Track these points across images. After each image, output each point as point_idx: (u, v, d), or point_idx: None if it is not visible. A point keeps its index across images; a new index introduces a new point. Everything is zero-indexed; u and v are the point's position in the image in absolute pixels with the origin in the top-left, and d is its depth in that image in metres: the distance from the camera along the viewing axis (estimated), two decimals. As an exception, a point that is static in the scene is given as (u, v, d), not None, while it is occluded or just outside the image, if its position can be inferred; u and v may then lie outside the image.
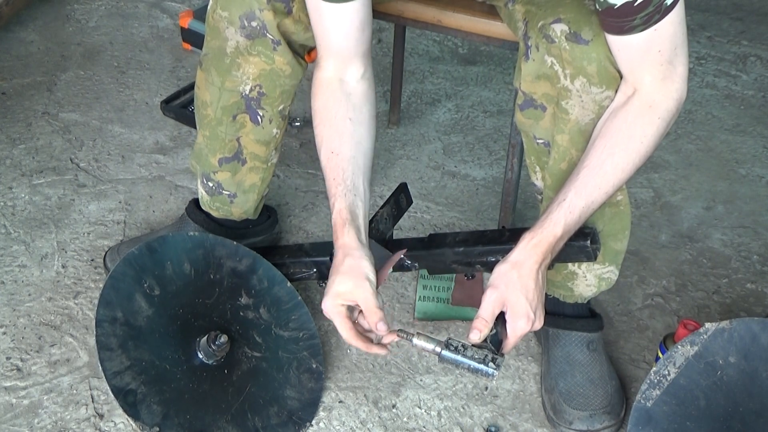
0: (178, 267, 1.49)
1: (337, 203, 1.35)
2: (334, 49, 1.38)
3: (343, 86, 1.40)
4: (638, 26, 1.15)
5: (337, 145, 1.38)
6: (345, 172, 1.36)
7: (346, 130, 1.39)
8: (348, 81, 1.40)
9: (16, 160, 2.04)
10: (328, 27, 1.35)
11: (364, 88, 1.41)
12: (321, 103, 1.41)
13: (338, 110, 1.39)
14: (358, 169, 1.37)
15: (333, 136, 1.39)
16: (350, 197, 1.35)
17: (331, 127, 1.39)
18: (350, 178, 1.36)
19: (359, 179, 1.37)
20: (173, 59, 2.46)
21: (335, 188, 1.36)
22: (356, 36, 1.36)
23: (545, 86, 1.32)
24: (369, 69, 1.42)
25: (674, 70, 1.22)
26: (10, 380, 1.54)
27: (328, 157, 1.38)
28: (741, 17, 2.80)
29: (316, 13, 1.35)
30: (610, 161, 1.25)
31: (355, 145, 1.38)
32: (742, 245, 1.91)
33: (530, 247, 1.26)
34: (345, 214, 1.34)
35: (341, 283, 1.30)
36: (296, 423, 1.48)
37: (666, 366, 1.33)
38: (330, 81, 1.40)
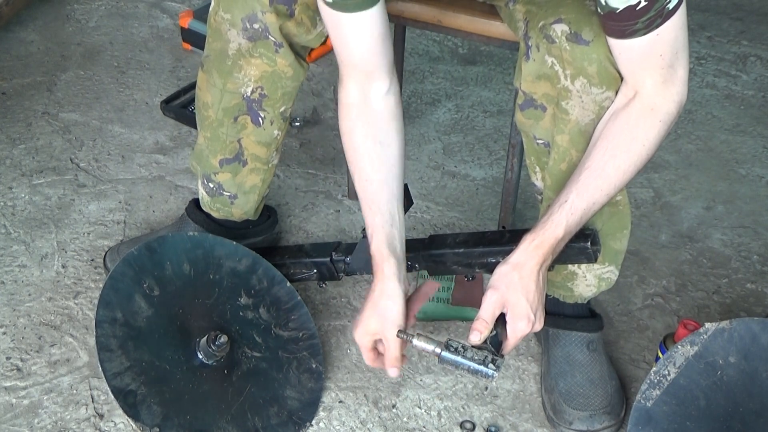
0: (178, 267, 1.49)
1: (376, 236, 1.36)
2: (357, 64, 1.35)
3: (369, 106, 1.37)
4: (640, 30, 1.15)
5: (370, 171, 1.38)
6: (380, 201, 1.37)
7: (377, 155, 1.38)
8: (373, 99, 1.37)
9: (16, 160, 2.04)
10: (348, 40, 1.33)
11: (390, 105, 1.39)
12: (349, 127, 1.39)
13: (366, 134, 1.38)
14: (392, 195, 1.38)
15: (364, 163, 1.38)
16: (387, 228, 1.36)
17: (362, 154, 1.38)
18: (386, 205, 1.37)
19: (394, 206, 1.37)
20: (173, 59, 2.46)
21: (372, 218, 1.37)
22: (377, 47, 1.33)
23: (545, 86, 1.32)
24: (394, 83, 1.39)
25: (675, 73, 1.22)
26: (10, 380, 1.54)
27: (363, 185, 1.38)
28: (741, 17, 2.80)
29: (335, 28, 1.33)
30: (611, 163, 1.25)
31: (387, 170, 1.38)
32: (742, 245, 1.91)
33: (531, 249, 1.26)
34: (384, 249, 1.34)
35: (372, 322, 1.33)
36: (296, 423, 1.48)
37: (666, 366, 1.33)
38: (355, 102, 1.38)
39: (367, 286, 1.76)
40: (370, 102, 1.37)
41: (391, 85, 1.38)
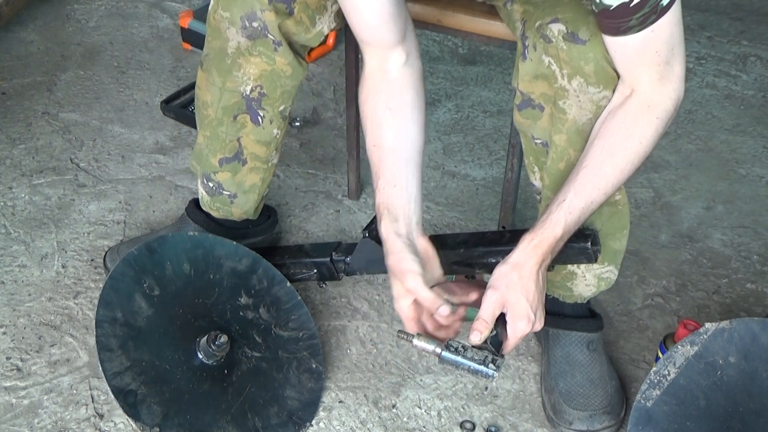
0: (178, 267, 1.49)
1: (376, 198, 1.37)
2: (373, 39, 1.37)
3: (385, 76, 1.39)
4: (634, 27, 1.15)
5: (378, 136, 1.38)
6: (385, 165, 1.37)
7: (386, 120, 1.38)
8: (390, 69, 1.38)
9: (16, 160, 2.04)
10: (362, 15, 1.34)
11: (407, 74, 1.39)
12: (363, 97, 1.41)
13: (378, 101, 1.39)
14: (399, 158, 1.37)
15: (374, 128, 1.39)
16: (388, 190, 1.36)
17: (372, 120, 1.39)
18: (390, 169, 1.37)
19: (399, 169, 1.37)
20: (173, 59, 2.46)
21: (375, 182, 1.38)
22: (391, 21, 1.34)
23: (543, 86, 1.32)
24: (413, 53, 1.40)
25: (671, 70, 1.22)
26: (10, 380, 1.54)
27: (371, 150, 1.39)
28: (741, 17, 2.80)
29: (349, 8, 1.34)
30: (609, 162, 1.25)
31: (395, 135, 1.38)
32: (742, 245, 1.91)
33: (530, 249, 1.26)
34: (381, 209, 1.35)
35: (395, 285, 1.33)
36: (296, 423, 1.48)
37: (666, 366, 1.33)
38: (372, 73, 1.39)
39: (367, 286, 1.76)
40: (387, 73, 1.39)
41: (408, 57, 1.39)
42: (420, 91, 1.42)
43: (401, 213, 1.35)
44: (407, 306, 1.32)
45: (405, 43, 1.38)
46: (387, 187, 1.36)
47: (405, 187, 1.37)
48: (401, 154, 1.38)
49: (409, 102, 1.40)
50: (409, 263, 1.31)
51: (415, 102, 1.40)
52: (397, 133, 1.38)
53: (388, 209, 1.35)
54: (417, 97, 1.41)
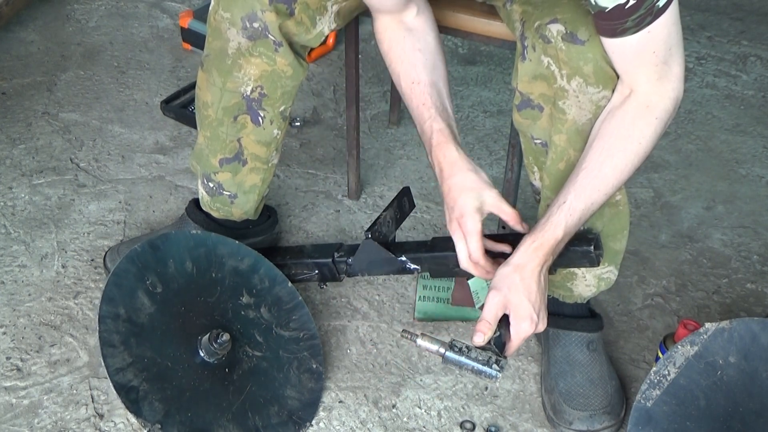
0: (180, 265, 1.50)
1: (435, 124, 1.37)
2: (383, 10, 1.42)
3: (402, 24, 1.42)
4: (631, 28, 1.16)
5: (415, 75, 1.41)
6: (431, 97, 1.39)
7: (419, 60, 1.41)
8: (406, 21, 1.43)
9: (16, 160, 2.04)
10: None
11: (422, 21, 1.44)
12: (387, 46, 1.44)
13: (405, 44, 1.42)
14: (440, 92, 1.41)
15: (408, 68, 1.41)
16: (444, 116, 1.38)
17: (404, 62, 1.42)
18: (438, 100, 1.39)
19: (446, 101, 1.41)
20: (173, 59, 2.46)
21: (427, 112, 1.38)
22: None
23: (542, 86, 1.32)
24: (422, 5, 1.44)
25: (670, 70, 1.22)
26: (10, 380, 1.54)
27: (411, 87, 1.41)
28: (741, 17, 2.80)
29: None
30: (608, 162, 1.25)
31: (431, 72, 1.41)
32: (742, 245, 1.91)
33: (532, 250, 1.26)
34: (446, 132, 1.36)
35: (467, 202, 1.32)
36: (296, 423, 1.48)
37: (666, 366, 1.33)
38: (389, 25, 1.43)
39: (367, 286, 1.76)
40: (403, 23, 1.43)
41: (419, 9, 1.43)
42: (437, 34, 1.46)
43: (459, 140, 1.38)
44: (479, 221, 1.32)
45: (414, 2, 1.42)
46: (443, 114, 1.38)
47: (453, 120, 1.40)
48: (441, 89, 1.41)
49: (434, 44, 1.44)
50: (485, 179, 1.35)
51: (437, 43, 1.45)
52: (432, 71, 1.41)
53: (451, 132, 1.37)
54: (437, 39, 1.45)
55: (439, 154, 1.35)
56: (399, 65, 1.42)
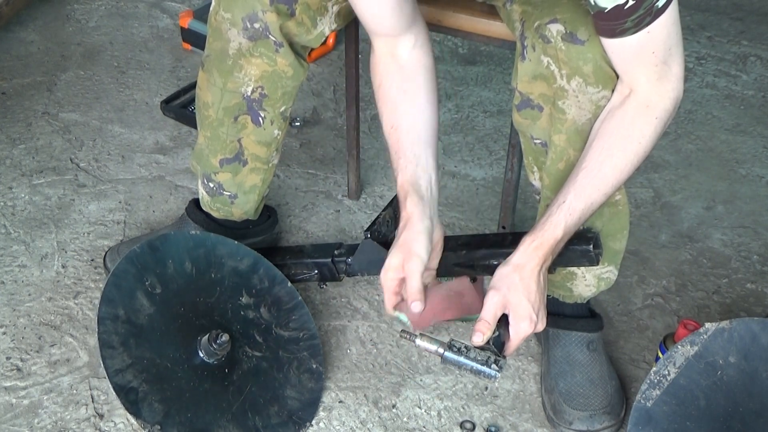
0: (180, 265, 1.49)
1: (399, 177, 1.35)
2: (380, 31, 1.39)
3: (395, 60, 1.40)
4: (630, 29, 1.16)
5: (395, 118, 1.38)
6: (404, 145, 1.36)
7: (401, 102, 1.39)
8: (400, 54, 1.39)
9: (16, 160, 2.04)
10: (367, 10, 1.36)
11: (417, 56, 1.40)
12: (377, 82, 1.41)
13: (392, 84, 1.39)
14: (417, 138, 1.37)
15: (390, 111, 1.39)
16: (411, 168, 1.35)
17: (388, 103, 1.40)
18: (410, 149, 1.36)
19: (419, 148, 1.36)
20: (173, 59, 2.46)
21: (396, 162, 1.36)
22: (397, 11, 1.35)
23: (542, 86, 1.32)
24: (422, 37, 1.40)
25: (669, 70, 1.22)
26: (10, 380, 1.54)
27: (389, 132, 1.39)
28: (741, 17, 2.80)
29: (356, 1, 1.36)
30: (608, 162, 1.25)
31: (412, 117, 1.38)
32: (742, 245, 1.91)
33: (531, 250, 1.26)
34: (406, 186, 1.33)
35: (393, 257, 1.30)
36: (296, 423, 1.48)
37: (666, 366, 1.33)
38: (382, 57, 1.40)
39: (367, 286, 1.76)
40: (397, 57, 1.40)
41: (417, 42, 1.40)
42: (432, 71, 1.42)
43: (426, 194, 1.35)
44: (394, 279, 1.30)
45: (413, 30, 1.39)
46: (410, 166, 1.35)
47: (426, 169, 1.36)
48: (420, 134, 1.38)
49: (422, 84, 1.40)
50: (421, 248, 1.30)
51: (428, 83, 1.41)
52: (413, 115, 1.38)
53: (413, 187, 1.34)
54: (430, 78, 1.41)
55: (402, 210, 1.34)
56: (383, 106, 1.40)
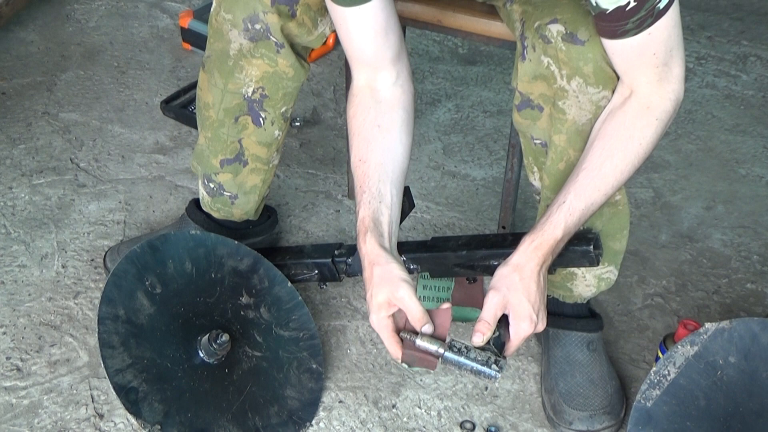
0: (180, 265, 1.50)
1: (360, 212, 1.31)
2: (362, 58, 1.36)
3: (374, 94, 1.37)
4: (631, 30, 1.16)
5: (365, 152, 1.35)
6: (371, 180, 1.33)
7: (374, 137, 1.35)
8: (379, 89, 1.37)
9: (16, 160, 2.04)
10: (351, 34, 1.34)
11: (396, 94, 1.38)
12: (352, 113, 1.39)
13: (366, 118, 1.36)
14: (384, 175, 1.33)
15: (361, 144, 1.36)
16: (374, 204, 1.31)
17: (359, 136, 1.36)
18: (375, 185, 1.32)
19: (385, 186, 1.33)
20: (173, 59, 2.46)
21: (360, 196, 1.33)
22: (380, 41, 1.33)
23: (542, 86, 1.32)
24: (403, 75, 1.38)
25: (670, 71, 1.22)
26: (10, 380, 1.54)
27: (356, 165, 1.36)
28: (741, 17, 2.80)
29: (339, 22, 1.33)
30: (609, 163, 1.25)
31: (382, 152, 1.35)
32: (742, 245, 1.91)
33: (531, 250, 1.26)
34: (367, 221, 1.30)
35: (379, 294, 1.24)
36: (296, 423, 1.48)
37: (666, 366, 1.33)
38: (361, 89, 1.38)
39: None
40: (376, 91, 1.37)
41: (398, 77, 1.38)
42: (410, 112, 1.39)
43: (385, 229, 1.31)
44: (386, 318, 1.25)
45: (396, 65, 1.37)
46: (373, 201, 1.32)
47: (389, 205, 1.33)
48: (387, 171, 1.34)
49: (398, 122, 1.37)
50: (401, 272, 1.25)
51: (404, 123, 1.38)
52: (384, 151, 1.35)
53: (373, 223, 1.30)
54: (406, 118, 1.38)
55: (360, 243, 1.30)
56: (354, 137, 1.37)
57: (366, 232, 1.29)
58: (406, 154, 1.38)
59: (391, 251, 1.30)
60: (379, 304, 1.25)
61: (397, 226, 1.34)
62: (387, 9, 1.32)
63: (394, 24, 1.34)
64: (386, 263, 1.26)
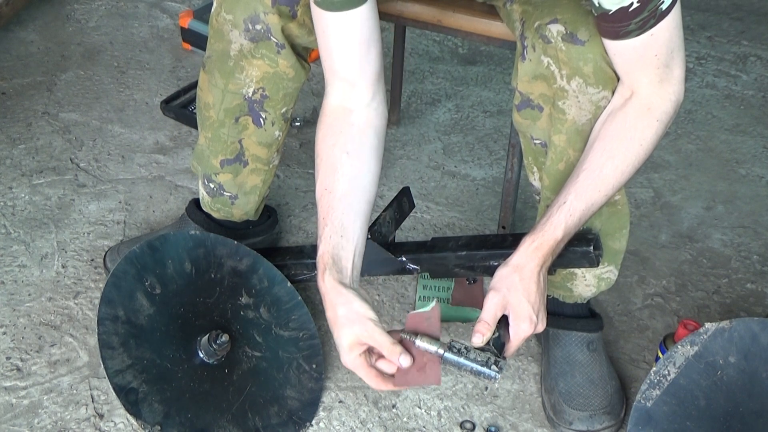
0: (179, 266, 1.50)
1: (320, 247, 1.28)
2: (339, 70, 1.33)
3: (346, 115, 1.34)
4: (633, 31, 1.16)
5: (330, 181, 1.31)
6: (334, 212, 1.29)
7: (341, 165, 1.31)
8: (352, 109, 1.34)
9: (16, 160, 2.04)
10: (331, 42, 1.31)
11: (369, 117, 1.34)
12: (321, 135, 1.35)
13: (336, 142, 1.32)
14: (349, 207, 1.30)
15: (328, 171, 1.32)
16: (335, 239, 1.27)
17: (326, 162, 1.32)
18: (339, 218, 1.29)
19: (348, 218, 1.29)
20: (173, 59, 2.46)
21: (321, 229, 1.29)
22: (361, 53, 1.30)
23: (542, 86, 1.32)
24: (379, 98, 1.35)
25: (671, 72, 1.22)
26: (10, 380, 1.54)
27: (321, 193, 1.31)
28: (741, 17, 2.80)
29: (321, 29, 1.31)
30: (609, 164, 1.25)
31: (348, 182, 1.31)
32: (742, 245, 1.91)
33: (531, 251, 1.26)
34: (326, 258, 1.26)
35: (347, 336, 1.22)
36: (296, 423, 1.48)
37: (666, 366, 1.33)
38: (333, 110, 1.34)
39: (367, 286, 1.76)
40: (349, 112, 1.34)
41: (373, 99, 1.34)
42: (381, 138, 1.36)
43: (345, 265, 1.27)
44: (358, 357, 1.23)
45: (373, 85, 1.34)
46: (334, 236, 1.27)
47: (351, 239, 1.29)
48: (352, 203, 1.31)
49: (368, 148, 1.34)
50: (366, 310, 1.22)
51: (374, 149, 1.35)
52: (350, 180, 1.31)
53: (333, 260, 1.26)
54: (377, 143, 1.35)
55: (319, 282, 1.26)
56: (321, 164, 1.33)
57: (324, 269, 1.26)
58: (374, 182, 1.35)
59: (352, 285, 1.27)
60: (350, 345, 1.23)
61: (359, 258, 1.31)
62: (371, 21, 1.29)
63: (376, 40, 1.31)
64: (348, 302, 1.24)
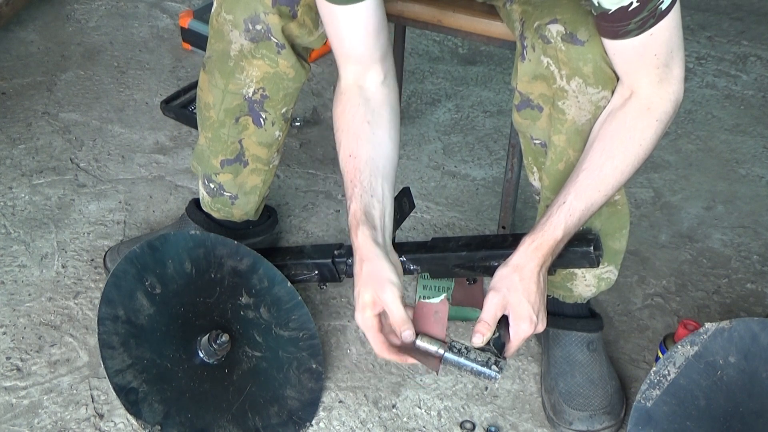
0: (180, 266, 1.50)
1: (352, 205, 1.29)
2: (352, 56, 1.35)
3: (363, 92, 1.36)
4: (633, 31, 1.16)
5: (354, 147, 1.33)
6: (362, 174, 1.31)
7: (364, 133, 1.34)
8: (368, 87, 1.37)
9: (16, 160, 2.04)
10: (342, 32, 1.33)
11: (384, 93, 1.37)
12: (340, 110, 1.37)
13: (356, 114, 1.35)
14: (376, 170, 1.32)
15: (351, 139, 1.34)
16: (366, 198, 1.29)
17: (349, 131, 1.35)
18: (367, 179, 1.31)
19: (377, 180, 1.32)
20: (173, 59, 2.46)
21: (351, 190, 1.31)
22: (371, 40, 1.33)
23: (541, 87, 1.32)
24: (390, 75, 1.38)
25: (670, 72, 1.22)
26: (10, 380, 1.54)
27: (346, 160, 1.34)
28: (741, 17, 2.80)
29: (330, 20, 1.33)
30: (609, 164, 1.25)
31: (373, 148, 1.34)
32: (742, 245, 1.91)
33: (531, 251, 1.26)
34: (359, 215, 1.28)
35: (365, 293, 1.23)
36: (296, 423, 1.48)
37: (666, 366, 1.33)
38: (349, 87, 1.37)
39: (367, 286, 1.76)
40: (364, 89, 1.37)
41: (386, 77, 1.37)
42: (396, 110, 1.39)
43: (379, 223, 1.30)
44: (372, 317, 1.24)
45: (383, 65, 1.36)
46: (365, 195, 1.30)
47: (381, 200, 1.31)
48: (378, 166, 1.33)
49: (387, 118, 1.37)
50: (389, 273, 1.24)
51: (391, 121, 1.38)
52: (375, 146, 1.34)
53: (366, 216, 1.28)
54: (393, 116, 1.38)
55: (352, 236, 1.28)
56: (342, 134, 1.35)
57: (358, 225, 1.28)
58: (395, 151, 1.38)
59: (384, 246, 1.29)
60: (365, 303, 1.24)
61: (390, 221, 1.33)
62: (379, 10, 1.32)
63: (385, 24, 1.34)
64: (376, 260, 1.25)
